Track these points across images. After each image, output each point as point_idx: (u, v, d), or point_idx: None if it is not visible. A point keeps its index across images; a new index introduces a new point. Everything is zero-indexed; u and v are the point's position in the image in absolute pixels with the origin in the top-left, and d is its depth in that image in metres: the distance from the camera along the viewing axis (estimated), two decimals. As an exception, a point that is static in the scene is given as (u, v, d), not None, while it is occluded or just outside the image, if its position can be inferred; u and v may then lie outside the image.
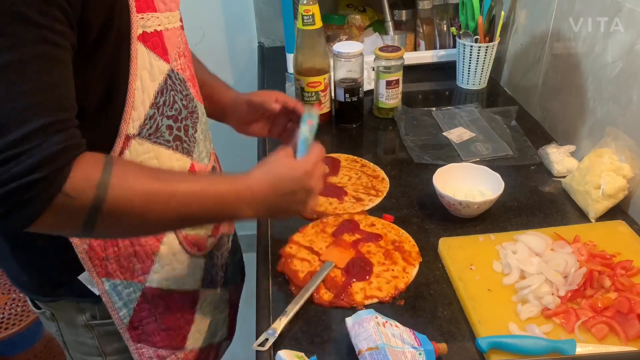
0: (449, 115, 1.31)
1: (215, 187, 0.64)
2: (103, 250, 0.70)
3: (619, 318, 0.72)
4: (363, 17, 1.62)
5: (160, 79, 0.67)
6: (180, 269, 0.78)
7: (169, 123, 0.69)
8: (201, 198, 0.62)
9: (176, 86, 0.70)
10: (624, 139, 0.95)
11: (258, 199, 0.67)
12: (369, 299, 0.80)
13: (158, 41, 0.66)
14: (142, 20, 0.63)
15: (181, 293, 0.81)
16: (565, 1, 1.14)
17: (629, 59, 0.94)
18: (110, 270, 0.72)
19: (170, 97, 0.69)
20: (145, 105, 0.65)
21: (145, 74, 0.64)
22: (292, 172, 0.69)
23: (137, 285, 0.75)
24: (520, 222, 0.95)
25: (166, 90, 0.68)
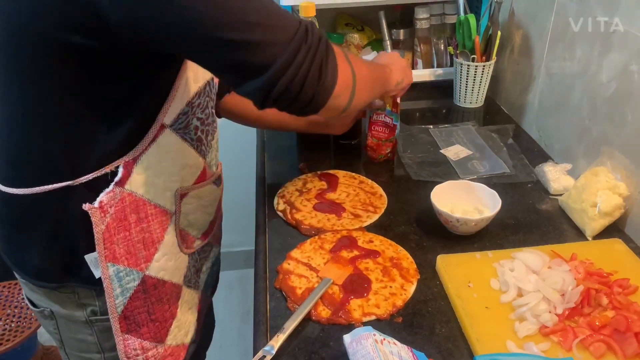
0: (446, 133, 1.32)
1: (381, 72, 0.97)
2: (116, 233, 0.73)
3: (616, 336, 0.72)
4: (361, 36, 1.65)
5: (202, 83, 0.77)
6: (174, 261, 0.83)
7: (197, 124, 0.78)
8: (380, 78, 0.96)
9: (211, 94, 0.81)
10: (619, 157, 0.96)
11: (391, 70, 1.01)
12: (366, 316, 0.80)
13: None
14: None
15: (171, 285, 0.84)
16: (560, 23, 1.16)
17: (623, 79, 0.95)
18: (117, 254, 0.74)
19: (205, 102, 0.79)
20: (183, 101, 0.74)
21: (191, 75, 0.74)
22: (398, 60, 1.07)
23: (137, 274, 0.77)
24: (518, 239, 0.95)
25: (203, 94, 0.78)
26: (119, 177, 0.71)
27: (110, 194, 0.71)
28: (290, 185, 1.12)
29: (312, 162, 1.21)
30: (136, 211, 0.74)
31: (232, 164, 1.98)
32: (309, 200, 1.07)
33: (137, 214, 0.75)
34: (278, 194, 1.10)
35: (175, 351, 0.89)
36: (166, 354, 0.87)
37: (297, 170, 1.18)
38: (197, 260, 0.92)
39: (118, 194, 0.72)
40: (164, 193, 0.78)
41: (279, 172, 1.18)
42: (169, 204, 0.79)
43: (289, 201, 1.06)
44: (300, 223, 1.00)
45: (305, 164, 1.20)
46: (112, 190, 0.71)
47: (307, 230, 0.99)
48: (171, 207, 0.80)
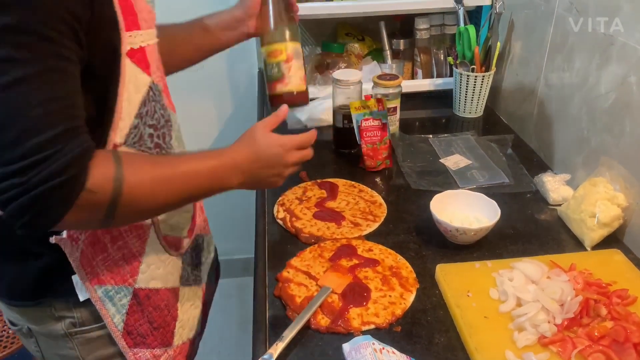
0: (445, 142, 1.32)
1: (206, 163, 0.73)
2: (93, 257, 0.72)
3: (615, 347, 0.72)
4: (362, 45, 1.66)
5: (144, 90, 0.72)
6: (162, 268, 0.82)
7: (150, 132, 0.74)
8: (197, 175, 0.72)
9: (156, 97, 0.75)
10: (618, 168, 0.96)
11: (242, 169, 0.77)
12: (366, 325, 0.80)
13: (142, 56, 0.70)
14: (130, 38, 0.67)
15: (166, 290, 0.83)
16: (559, 33, 1.17)
17: (622, 91, 0.96)
18: (101, 276, 0.74)
19: (152, 107, 0.74)
20: (131, 115, 0.70)
21: (132, 87, 0.69)
22: (271, 147, 0.79)
23: (127, 289, 0.77)
24: (517, 249, 0.96)
25: (148, 100, 0.73)
26: None
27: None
28: (290, 194, 1.12)
29: (312, 170, 1.21)
30: (108, 231, 0.73)
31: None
32: (309, 208, 1.07)
33: (110, 234, 0.73)
34: (278, 202, 1.10)
35: (183, 349, 0.90)
36: (176, 354, 0.88)
37: (297, 179, 1.18)
38: (194, 257, 0.92)
39: None
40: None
41: (279, 180, 1.18)
42: None
43: (289, 209, 1.07)
44: (300, 231, 1.00)
45: (306, 172, 1.20)
46: None
47: (307, 238, 0.99)
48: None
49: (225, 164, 0.75)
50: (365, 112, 1.19)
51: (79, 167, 0.58)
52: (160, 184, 0.67)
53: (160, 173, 0.68)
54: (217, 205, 2.09)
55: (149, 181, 0.66)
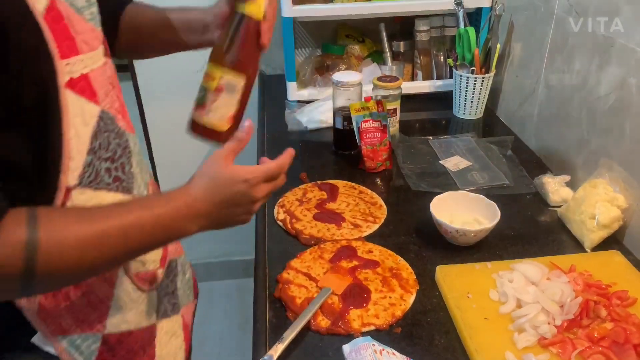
0: (445, 144, 1.32)
1: (151, 212, 0.61)
2: (55, 308, 0.65)
3: (615, 348, 0.72)
4: (362, 47, 1.66)
5: (93, 122, 0.63)
6: (136, 308, 0.74)
7: (107, 166, 0.66)
8: (138, 227, 0.59)
9: (108, 126, 0.66)
10: (617, 170, 0.97)
11: (199, 214, 0.64)
12: (366, 326, 0.80)
13: (85, 85, 0.62)
14: (68, 67, 0.58)
15: (140, 331, 0.77)
16: (558, 35, 1.17)
17: (621, 93, 0.96)
18: (65, 326, 0.67)
19: (105, 139, 0.65)
20: (82, 152, 0.61)
21: (78, 121, 0.60)
22: (233, 184, 0.66)
23: (96, 336, 0.70)
24: (517, 250, 0.96)
25: (100, 132, 0.64)
26: None
27: None
28: (290, 195, 1.12)
29: (313, 171, 1.21)
30: None
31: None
32: (309, 209, 1.07)
33: None
34: (278, 204, 1.10)
35: None
36: None
37: (298, 180, 1.18)
38: (168, 285, 0.85)
39: None
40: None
41: (279, 182, 1.18)
42: None
43: (289, 211, 1.07)
44: (300, 233, 1.00)
45: (306, 173, 1.20)
46: None
47: (307, 239, 0.99)
48: None
49: (177, 211, 0.62)
50: (365, 114, 1.19)
51: None
52: (90, 244, 0.56)
53: (88, 231, 0.56)
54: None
55: (74, 242, 0.54)
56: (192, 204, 0.64)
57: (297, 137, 1.40)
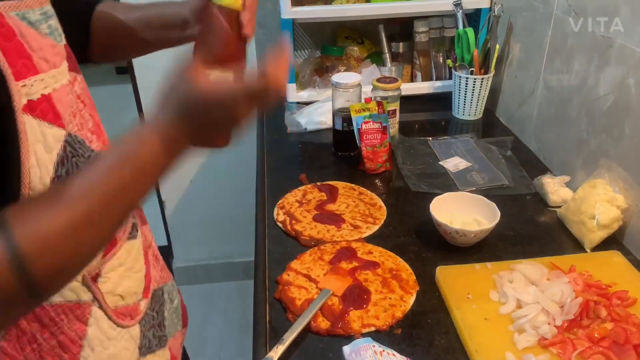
0: (445, 145, 1.33)
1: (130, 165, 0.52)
2: (20, 352, 0.60)
3: (615, 349, 0.72)
4: (361, 49, 1.66)
5: (58, 147, 0.57)
6: (113, 347, 0.68)
7: None
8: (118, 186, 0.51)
9: (77, 151, 0.60)
10: (617, 170, 0.97)
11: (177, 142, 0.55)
12: (366, 327, 0.80)
13: (47, 107, 0.55)
14: (25, 88, 0.52)
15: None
16: (557, 36, 1.17)
17: (620, 93, 0.96)
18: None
19: (73, 165, 0.59)
20: (45, 181, 0.55)
21: (40, 147, 0.54)
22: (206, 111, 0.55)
23: None
24: (517, 251, 0.96)
25: (67, 158, 0.58)
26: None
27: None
28: (290, 196, 1.12)
29: (312, 173, 1.22)
30: (35, 319, 0.59)
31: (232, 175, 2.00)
32: (309, 211, 1.07)
33: (38, 322, 0.60)
34: (278, 205, 1.10)
35: None
36: None
37: (297, 181, 1.18)
38: (155, 317, 0.77)
39: None
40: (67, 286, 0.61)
41: (278, 183, 1.19)
42: (81, 293, 0.63)
43: (289, 212, 1.07)
44: (299, 234, 1.00)
45: (305, 175, 1.20)
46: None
47: (307, 241, 0.99)
48: (85, 295, 0.63)
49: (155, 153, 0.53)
50: (365, 115, 1.19)
51: None
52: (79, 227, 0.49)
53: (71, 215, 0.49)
54: (218, 208, 2.10)
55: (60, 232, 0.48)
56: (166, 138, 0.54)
57: (297, 139, 1.40)
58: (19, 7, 0.53)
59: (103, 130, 0.68)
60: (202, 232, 2.14)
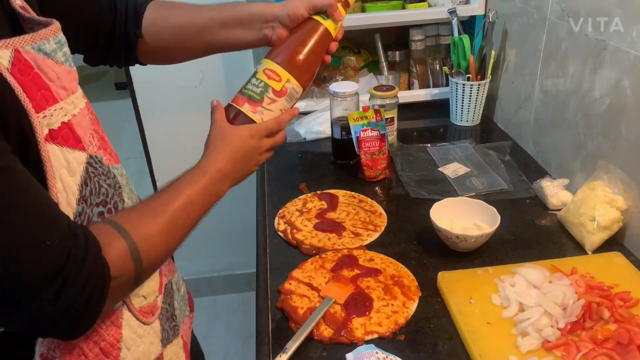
0: (443, 151, 1.33)
1: (196, 187, 0.69)
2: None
3: (619, 350, 0.72)
4: (358, 58, 1.67)
5: (80, 170, 0.61)
6: (143, 344, 0.74)
7: (100, 210, 0.64)
8: (192, 204, 0.68)
9: (98, 170, 0.64)
10: (615, 171, 0.97)
11: (227, 174, 0.74)
12: (369, 334, 0.80)
13: (68, 133, 0.59)
14: (45, 119, 0.55)
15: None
16: (552, 40, 1.18)
17: (616, 95, 0.97)
18: None
19: (95, 184, 0.63)
20: (72, 203, 0.59)
21: (64, 172, 0.58)
22: (244, 141, 0.77)
23: None
24: (518, 255, 0.96)
25: (89, 179, 0.62)
26: None
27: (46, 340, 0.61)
28: (290, 206, 1.13)
29: (312, 182, 1.22)
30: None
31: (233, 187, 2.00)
32: (310, 220, 1.07)
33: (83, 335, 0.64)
34: (278, 215, 1.10)
35: None
36: None
37: (297, 191, 1.19)
38: (167, 309, 0.83)
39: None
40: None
41: (279, 193, 1.19)
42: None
43: (290, 221, 1.07)
44: (301, 243, 1.00)
45: (305, 184, 1.20)
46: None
47: (308, 250, 0.99)
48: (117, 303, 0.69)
49: (213, 179, 0.72)
50: (364, 123, 1.19)
51: (98, 265, 0.54)
52: (168, 231, 0.64)
53: (162, 221, 0.63)
54: (218, 220, 2.10)
55: (157, 234, 0.62)
56: (222, 169, 0.73)
57: (296, 148, 1.41)
58: (34, 40, 0.55)
59: (107, 142, 0.71)
60: (203, 245, 2.14)
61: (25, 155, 0.54)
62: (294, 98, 0.79)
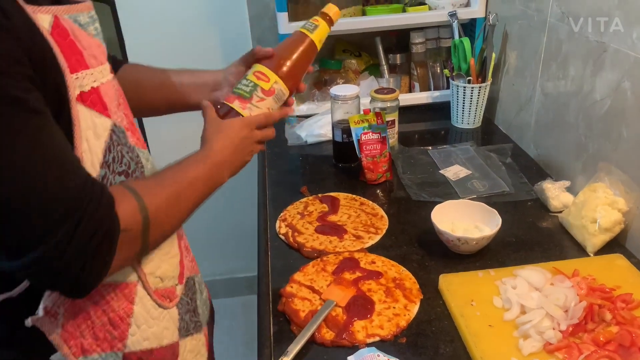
0: (445, 153, 1.33)
1: (201, 169, 0.74)
2: (77, 328, 0.67)
3: (621, 352, 0.72)
4: (359, 61, 1.68)
5: (105, 135, 0.65)
6: (156, 325, 0.75)
7: (121, 179, 0.68)
8: (198, 182, 0.72)
9: (121, 139, 0.68)
10: (617, 173, 0.97)
11: (225, 163, 0.78)
12: (370, 337, 0.79)
13: (97, 98, 0.63)
14: (78, 80, 0.60)
15: (161, 349, 0.77)
16: (552, 42, 1.18)
17: (617, 97, 0.97)
18: (86, 346, 0.68)
19: (118, 152, 0.67)
20: (95, 166, 0.63)
21: (90, 134, 0.62)
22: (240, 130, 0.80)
23: (116, 355, 0.71)
24: (519, 257, 0.96)
25: (113, 146, 0.66)
26: None
27: (52, 295, 0.64)
28: (291, 209, 1.13)
29: (313, 185, 1.22)
30: (90, 298, 0.67)
31: (233, 190, 2.00)
32: (311, 223, 1.07)
33: (92, 300, 0.67)
34: (280, 218, 1.10)
35: None
36: None
37: (299, 194, 1.19)
38: (189, 302, 0.85)
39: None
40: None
41: (280, 196, 1.19)
42: (127, 274, 0.71)
43: (291, 224, 1.07)
44: (302, 246, 1.01)
45: (306, 187, 1.21)
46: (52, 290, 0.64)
47: (310, 252, 0.99)
48: (131, 276, 0.71)
49: (216, 164, 0.76)
50: (365, 126, 1.20)
51: (111, 214, 0.58)
52: (174, 202, 0.68)
53: (171, 191, 0.68)
54: (219, 224, 2.10)
55: (165, 202, 0.66)
56: (222, 156, 0.77)
57: (297, 152, 1.41)
58: (70, 10, 0.61)
59: (136, 129, 0.75)
60: (204, 249, 2.13)
61: (59, 113, 0.58)
62: (281, 99, 0.85)
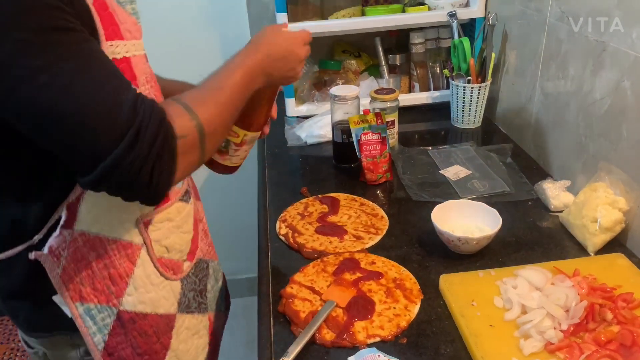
0: (445, 154, 1.33)
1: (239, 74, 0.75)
2: (77, 273, 0.71)
3: (623, 351, 0.72)
4: (358, 62, 1.68)
5: None
6: (154, 292, 0.78)
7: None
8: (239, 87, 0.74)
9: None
10: (617, 173, 0.97)
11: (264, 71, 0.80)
12: (371, 337, 0.79)
13: (127, 67, 0.68)
14: (112, 47, 0.65)
15: (156, 316, 0.80)
16: (552, 42, 1.18)
17: (616, 96, 0.97)
18: (84, 293, 0.72)
19: None
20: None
21: None
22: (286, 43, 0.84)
23: (111, 310, 0.75)
24: (520, 257, 0.95)
25: None
26: (64, 220, 0.68)
27: (59, 237, 0.69)
28: (291, 209, 1.13)
29: (313, 185, 1.22)
30: (94, 249, 0.71)
31: (233, 192, 2.00)
32: (311, 223, 1.07)
33: (95, 252, 0.72)
34: (280, 218, 1.10)
35: None
36: None
37: (299, 195, 1.19)
38: (197, 282, 0.88)
39: (68, 237, 0.69)
40: (123, 225, 0.73)
41: (280, 197, 1.19)
42: (133, 235, 0.74)
43: (291, 225, 1.07)
44: (302, 247, 1.00)
45: (306, 188, 1.21)
46: (60, 233, 0.69)
47: (310, 253, 0.99)
48: (136, 238, 0.75)
49: (252, 69, 0.77)
50: (365, 127, 1.20)
51: (164, 122, 0.61)
52: (223, 108, 0.71)
53: (218, 97, 0.71)
54: (219, 225, 2.10)
55: (214, 109, 0.69)
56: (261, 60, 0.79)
57: (297, 152, 1.41)
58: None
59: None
60: (205, 250, 2.14)
61: None
62: (253, 141, 0.94)
